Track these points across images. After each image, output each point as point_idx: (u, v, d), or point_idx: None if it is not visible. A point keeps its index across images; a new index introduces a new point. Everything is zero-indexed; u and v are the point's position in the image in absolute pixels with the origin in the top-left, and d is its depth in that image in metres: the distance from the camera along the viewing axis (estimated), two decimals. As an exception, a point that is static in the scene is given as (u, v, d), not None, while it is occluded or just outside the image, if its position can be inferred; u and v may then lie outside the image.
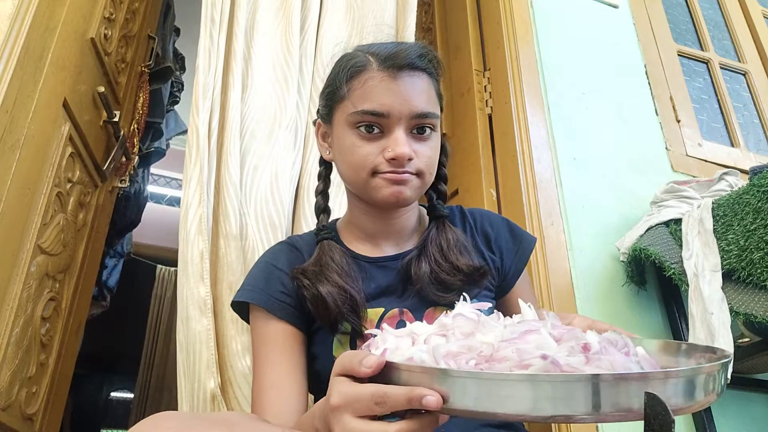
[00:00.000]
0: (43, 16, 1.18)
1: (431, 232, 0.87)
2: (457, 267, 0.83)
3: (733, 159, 1.93)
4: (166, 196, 4.31)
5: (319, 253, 0.86)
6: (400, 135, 0.78)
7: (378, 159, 0.79)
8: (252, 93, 1.41)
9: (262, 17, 1.50)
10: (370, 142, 0.80)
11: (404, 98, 0.79)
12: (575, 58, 1.87)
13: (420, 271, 0.83)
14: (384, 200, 0.80)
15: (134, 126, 1.90)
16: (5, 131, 1.05)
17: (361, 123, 0.80)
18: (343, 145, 0.82)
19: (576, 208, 1.58)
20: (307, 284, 0.81)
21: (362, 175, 0.80)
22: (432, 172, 0.83)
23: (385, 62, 0.80)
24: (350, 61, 0.84)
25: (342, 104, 0.83)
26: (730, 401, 1.48)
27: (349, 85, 0.82)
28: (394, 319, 0.83)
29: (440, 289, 0.82)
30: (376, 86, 0.79)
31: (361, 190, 0.83)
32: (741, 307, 1.24)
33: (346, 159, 0.82)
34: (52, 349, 1.37)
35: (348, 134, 0.81)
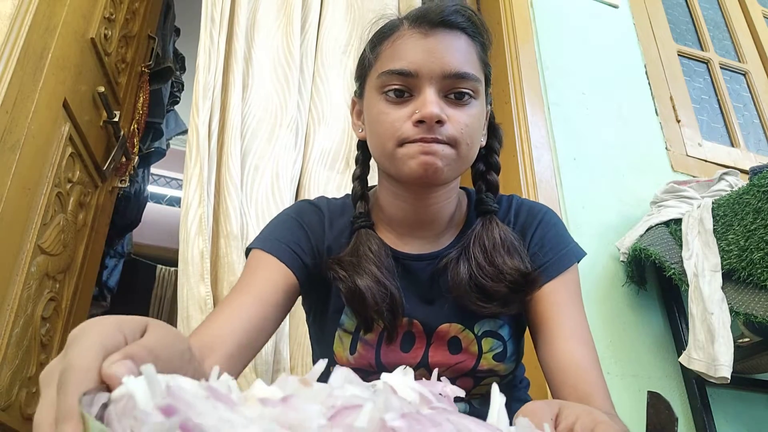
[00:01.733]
0: (43, 16, 1.18)
1: (476, 229, 0.75)
2: (501, 271, 0.71)
3: (733, 159, 1.93)
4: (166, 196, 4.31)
5: (356, 242, 0.75)
6: (430, 94, 0.68)
7: (406, 125, 0.68)
8: (252, 93, 1.41)
9: (262, 17, 1.50)
10: (398, 108, 0.69)
11: (436, 56, 0.69)
12: (575, 58, 1.87)
13: (458, 276, 0.72)
14: (412, 173, 0.68)
15: (134, 126, 1.90)
16: (5, 131, 1.05)
17: (388, 87, 0.70)
18: (371, 114, 0.73)
19: (576, 208, 1.58)
20: (344, 276, 0.72)
21: (389, 145, 0.69)
22: (470, 144, 0.70)
23: (417, 20, 0.71)
24: (384, 26, 0.76)
25: (372, 71, 0.74)
26: (730, 401, 1.49)
27: (378, 49, 0.74)
28: (401, 330, 0.76)
29: (481, 298, 0.71)
30: (405, 44, 0.70)
31: (388, 164, 0.72)
32: (741, 307, 1.24)
33: (374, 129, 0.72)
34: (52, 349, 1.37)
35: (376, 102, 0.72)
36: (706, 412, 1.38)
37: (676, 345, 1.49)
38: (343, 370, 0.36)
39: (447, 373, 0.74)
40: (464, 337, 0.75)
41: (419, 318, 0.75)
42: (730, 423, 1.45)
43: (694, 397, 1.41)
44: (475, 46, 0.73)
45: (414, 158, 0.67)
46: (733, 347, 1.23)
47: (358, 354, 0.75)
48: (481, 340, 0.75)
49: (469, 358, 0.74)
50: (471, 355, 0.74)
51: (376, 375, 0.74)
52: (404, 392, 0.36)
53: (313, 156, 1.42)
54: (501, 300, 0.71)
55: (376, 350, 0.74)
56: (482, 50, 0.75)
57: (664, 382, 1.45)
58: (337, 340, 0.76)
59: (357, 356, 0.74)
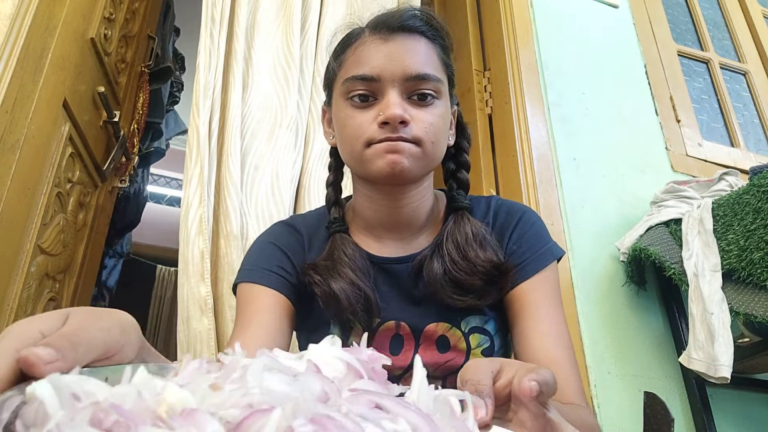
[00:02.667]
0: (43, 16, 1.18)
1: (449, 225, 0.77)
2: (475, 264, 0.73)
3: (733, 159, 1.93)
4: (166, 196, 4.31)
5: (331, 246, 0.78)
6: (393, 97, 0.70)
7: (371, 127, 0.71)
8: (253, 93, 1.41)
9: (262, 17, 1.50)
10: (363, 112, 0.72)
11: (396, 59, 0.72)
12: (575, 58, 1.87)
13: (432, 272, 0.74)
14: (380, 171, 0.71)
15: (134, 126, 1.90)
16: (5, 131, 1.05)
17: (353, 92, 0.73)
18: (339, 120, 0.76)
19: (576, 208, 1.58)
20: (319, 280, 0.74)
21: (357, 147, 0.72)
22: (435, 142, 0.73)
23: (377, 26, 0.75)
24: (348, 35, 0.79)
25: (336, 79, 0.78)
26: (730, 401, 1.49)
27: (342, 57, 0.77)
28: (388, 333, 0.76)
29: (457, 292, 0.73)
30: (366, 50, 0.74)
31: (358, 165, 0.74)
32: (741, 307, 1.24)
33: (342, 134, 0.75)
34: (52, 349, 1.37)
35: (342, 107, 0.75)
36: (706, 412, 1.38)
37: (676, 345, 1.49)
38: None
39: (438, 371, 0.75)
40: (452, 335, 0.76)
41: (406, 320, 0.76)
42: (730, 423, 1.45)
43: (694, 397, 1.41)
44: (435, 48, 0.77)
45: (381, 157, 0.70)
46: (733, 347, 1.23)
47: None
48: (469, 336, 0.76)
49: (459, 356, 0.75)
50: (460, 353, 0.75)
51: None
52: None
53: (313, 156, 1.42)
54: (477, 293, 0.73)
55: None
56: (443, 52, 0.78)
57: (664, 382, 1.45)
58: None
59: None
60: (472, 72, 1.82)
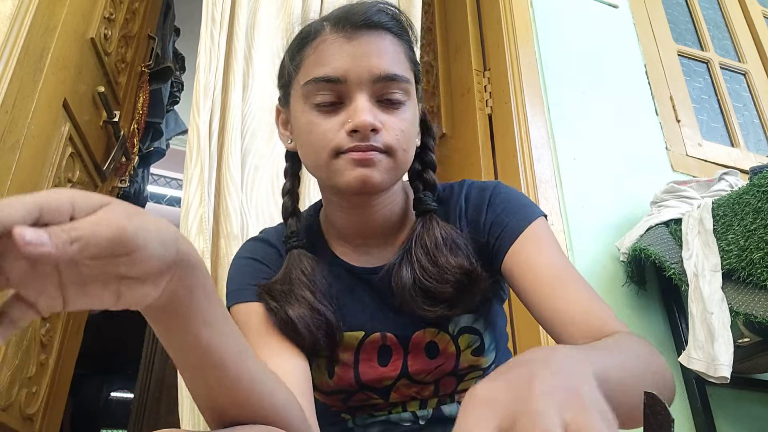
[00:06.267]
0: (43, 16, 1.18)
1: (416, 230, 0.72)
2: (445, 271, 0.68)
3: (733, 159, 1.93)
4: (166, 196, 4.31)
5: (287, 265, 0.72)
6: (361, 101, 0.65)
7: (339, 135, 0.65)
8: (253, 92, 1.41)
9: (263, 17, 1.50)
10: (328, 117, 0.66)
11: (362, 59, 0.66)
12: (575, 58, 1.87)
13: (401, 281, 0.69)
14: (348, 186, 0.65)
15: (134, 126, 1.90)
16: (5, 131, 1.05)
17: (316, 95, 0.67)
18: (300, 125, 0.69)
19: (576, 208, 1.58)
20: (275, 306, 0.69)
21: (323, 156, 0.66)
22: (406, 149, 0.68)
23: (338, 23, 0.68)
24: (306, 30, 0.72)
25: (296, 79, 0.71)
26: (730, 401, 1.49)
27: (300, 55, 0.70)
28: (374, 345, 0.73)
29: (426, 302, 0.69)
30: (329, 49, 0.67)
31: (324, 175, 0.69)
32: (741, 307, 1.24)
33: (305, 140, 0.69)
34: (52, 349, 1.37)
35: (304, 112, 0.68)
36: (706, 412, 1.38)
37: (676, 345, 1.49)
38: None
39: (429, 377, 0.73)
40: (440, 339, 0.73)
41: (392, 330, 0.73)
42: (730, 423, 1.45)
43: (694, 397, 1.41)
44: (402, 45, 0.71)
45: (350, 170, 0.65)
46: (733, 347, 1.23)
47: (337, 376, 0.73)
48: (458, 338, 0.73)
49: (449, 360, 0.73)
50: (450, 356, 0.73)
51: (360, 393, 0.73)
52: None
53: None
54: (447, 302, 0.69)
55: (354, 369, 0.73)
56: (409, 48, 0.73)
57: (664, 382, 1.45)
58: (314, 366, 0.74)
59: (336, 378, 0.73)
60: (472, 72, 1.82)
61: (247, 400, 0.51)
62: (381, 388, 0.73)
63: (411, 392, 0.74)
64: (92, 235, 0.34)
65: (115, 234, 0.35)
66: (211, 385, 0.50)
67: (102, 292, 0.38)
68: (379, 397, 0.74)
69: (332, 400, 0.75)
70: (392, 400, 0.74)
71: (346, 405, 0.75)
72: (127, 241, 0.36)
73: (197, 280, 0.44)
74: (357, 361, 0.73)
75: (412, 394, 0.74)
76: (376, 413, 0.75)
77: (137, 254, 0.37)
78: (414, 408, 0.75)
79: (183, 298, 0.43)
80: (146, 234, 0.37)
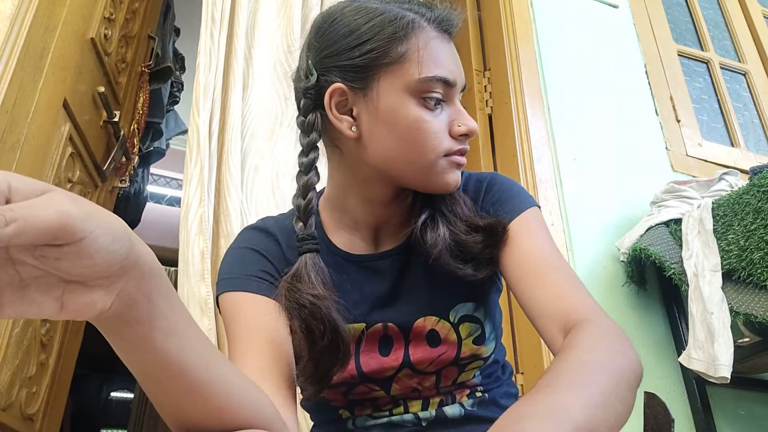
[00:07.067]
0: (43, 16, 1.18)
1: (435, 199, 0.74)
2: (475, 225, 0.71)
3: (733, 159, 1.93)
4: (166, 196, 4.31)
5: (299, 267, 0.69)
6: (462, 108, 0.69)
7: (446, 137, 0.68)
8: (253, 92, 1.41)
9: (263, 17, 1.50)
10: (436, 117, 0.68)
11: (459, 67, 0.70)
12: (575, 58, 1.87)
13: (438, 233, 0.70)
14: (446, 186, 0.69)
15: (134, 126, 1.90)
16: (5, 131, 1.05)
17: (431, 93, 0.67)
18: (404, 118, 0.67)
19: (576, 208, 1.58)
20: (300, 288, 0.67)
21: (430, 156, 0.67)
22: None
23: (441, 23, 0.70)
24: (396, 15, 0.68)
25: (398, 67, 0.67)
26: (730, 401, 1.49)
27: (409, 44, 0.67)
28: (376, 335, 0.73)
29: (457, 257, 0.70)
30: (443, 50, 0.69)
31: (418, 173, 0.69)
32: (741, 307, 1.24)
33: (408, 136, 0.67)
34: (52, 349, 1.37)
35: (410, 106, 0.67)
36: (705, 412, 1.39)
37: (676, 345, 1.49)
38: None
39: (431, 366, 0.73)
40: (441, 327, 0.73)
41: (393, 320, 0.73)
42: (730, 423, 1.45)
43: (694, 397, 1.41)
44: None
45: (451, 173, 0.69)
46: (733, 347, 1.23)
47: None
48: (459, 326, 0.73)
49: (450, 348, 0.73)
50: (451, 345, 0.73)
51: (362, 384, 0.73)
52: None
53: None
54: (475, 260, 0.70)
55: (355, 360, 0.73)
56: None
57: (664, 382, 1.45)
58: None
59: None
60: (472, 72, 1.83)
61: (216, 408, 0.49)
62: (382, 379, 0.73)
63: (412, 383, 0.74)
64: (32, 217, 0.30)
65: (59, 218, 0.31)
66: (175, 395, 0.47)
67: (43, 297, 0.34)
68: (381, 388, 0.73)
69: (332, 394, 0.74)
70: (393, 393, 0.74)
71: (346, 399, 0.74)
72: (73, 226, 0.32)
73: (156, 285, 0.40)
74: (358, 352, 0.73)
75: (413, 385, 0.74)
76: (376, 414, 0.75)
77: (83, 244, 0.32)
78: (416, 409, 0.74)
79: (141, 306, 0.39)
80: (95, 222, 0.33)
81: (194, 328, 0.47)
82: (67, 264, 0.33)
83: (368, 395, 0.74)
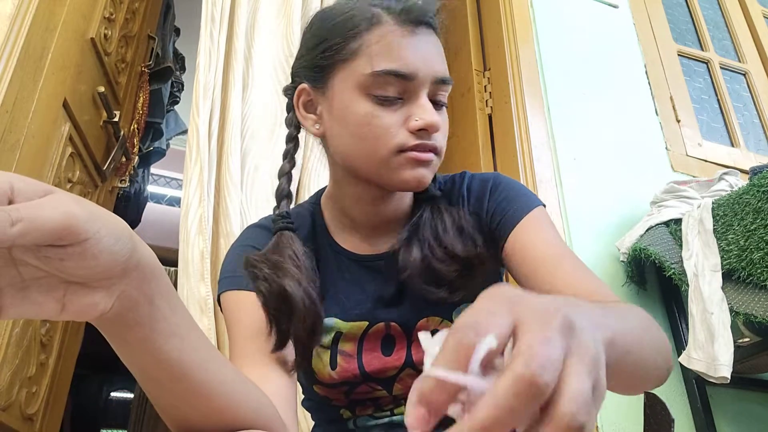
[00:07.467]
0: (43, 16, 1.18)
1: (424, 214, 0.73)
2: (452, 254, 0.69)
3: (733, 159, 1.93)
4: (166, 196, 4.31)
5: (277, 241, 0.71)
6: (425, 101, 0.66)
7: (401, 132, 0.65)
8: (253, 92, 1.41)
9: (262, 16, 1.50)
10: (390, 111, 0.66)
11: (427, 58, 0.67)
12: (575, 58, 1.87)
13: (410, 257, 0.69)
14: (404, 184, 0.67)
15: (134, 126, 1.90)
16: (5, 131, 1.05)
17: (381, 87, 0.65)
18: (353, 114, 0.67)
19: (576, 208, 1.58)
20: (268, 274, 0.67)
21: (382, 152, 0.66)
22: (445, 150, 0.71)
23: (402, 15, 0.67)
24: (357, 12, 0.68)
25: (350, 64, 0.67)
26: (730, 401, 1.49)
27: (359, 41, 0.67)
28: (378, 335, 0.73)
29: (429, 281, 0.69)
30: (399, 42, 0.66)
31: (374, 169, 0.68)
32: (741, 307, 1.24)
33: (358, 132, 0.67)
34: (52, 349, 1.37)
35: (361, 101, 0.66)
36: (705, 412, 1.38)
37: (676, 345, 1.49)
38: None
39: None
40: (444, 327, 0.72)
41: (396, 319, 0.73)
42: (730, 423, 1.45)
43: (694, 397, 1.41)
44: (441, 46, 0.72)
45: (409, 169, 0.66)
46: (733, 347, 1.23)
47: (340, 368, 0.72)
48: None
49: None
50: None
51: (364, 384, 0.72)
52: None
53: (314, 155, 1.42)
54: (450, 285, 0.69)
55: (358, 360, 0.72)
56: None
57: (664, 382, 1.45)
58: (316, 358, 0.72)
59: (339, 370, 0.72)
60: (472, 72, 1.82)
61: (216, 409, 0.49)
62: (385, 379, 0.73)
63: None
64: (37, 217, 0.30)
65: (64, 218, 0.31)
66: (175, 396, 0.47)
67: (44, 298, 0.34)
68: (383, 388, 0.73)
69: (334, 394, 0.74)
70: (395, 393, 0.73)
71: (348, 398, 0.74)
72: (78, 226, 0.32)
73: (157, 287, 0.41)
74: (360, 351, 0.73)
75: None
76: (378, 414, 0.75)
77: (87, 245, 0.33)
78: None
79: (142, 308, 0.40)
80: (99, 223, 0.33)
81: (195, 330, 0.47)
82: (70, 265, 0.33)
83: (370, 395, 0.74)
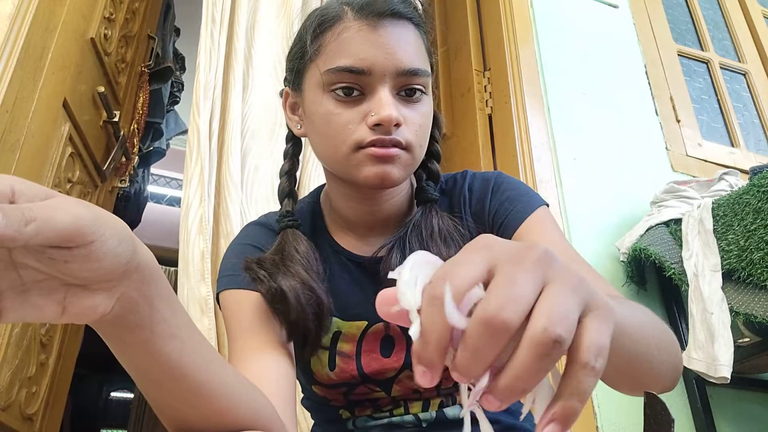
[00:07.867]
0: (43, 16, 1.18)
1: (414, 218, 0.72)
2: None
3: (733, 159, 1.93)
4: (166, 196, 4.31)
5: (281, 241, 0.71)
6: (385, 95, 0.64)
7: (360, 128, 0.64)
8: (253, 92, 1.41)
9: (263, 17, 1.50)
10: (349, 108, 0.65)
11: (388, 51, 0.64)
12: (575, 58, 1.87)
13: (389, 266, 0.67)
14: (366, 181, 0.65)
15: (134, 126, 1.90)
16: (5, 131, 1.05)
17: (337, 84, 0.65)
18: (316, 113, 0.67)
19: (576, 208, 1.58)
20: (263, 276, 0.66)
21: (342, 149, 0.65)
22: (423, 145, 0.68)
23: (363, 10, 0.66)
24: (326, 11, 0.69)
25: (312, 64, 0.68)
26: (730, 401, 1.49)
27: (320, 40, 0.67)
28: (377, 336, 0.73)
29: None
30: (353, 38, 0.65)
31: (339, 167, 0.67)
32: (741, 307, 1.24)
33: (321, 130, 0.67)
34: (52, 349, 1.37)
35: (321, 100, 0.66)
36: (705, 412, 1.38)
37: (676, 345, 1.49)
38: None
39: None
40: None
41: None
42: (730, 423, 1.45)
43: (694, 397, 1.41)
44: (422, 37, 0.70)
45: (370, 166, 0.64)
46: (733, 347, 1.23)
47: (338, 368, 0.72)
48: None
49: None
50: None
51: (362, 385, 0.72)
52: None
53: (313, 155, 1.42)
54: None
55: (356, 361, 0.72)
56: (426, 39, 0.71)
57: (664, 382, 1.45)
58: (315, 358, 0.72)
59: (338, 371, 0.72)
60: (472, 72, 1.82)
61: (215, 411, 0.49)
62: (383, 381, 0.73)
63: (413, 385, 0.73)
64: (51, 218, 0.30)
65: (74, 220, 0.31)
66: (175, 398, 0.47)
67: (44, 301, 0.34)
68: (381, 389, 0.73)
69: (333, 394, 0.74)
70: (394, 394, 0.73)
71: (347, 399, 0.74)
72: (85, 229, 0.32)
73: (157, 289, 0.41)
74: (359, 352, 0.73)
75: (414, 386, 0.73)
76: (377, 414, 0.75)
77: (93, 247, 0.33)
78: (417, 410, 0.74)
79: (142, 310, 0.40)
80: (104, 225, 0.34)
81: (194, 331, 0.47)
82: (74, 267, 0.33)
83: (369, 396, 0.74)
